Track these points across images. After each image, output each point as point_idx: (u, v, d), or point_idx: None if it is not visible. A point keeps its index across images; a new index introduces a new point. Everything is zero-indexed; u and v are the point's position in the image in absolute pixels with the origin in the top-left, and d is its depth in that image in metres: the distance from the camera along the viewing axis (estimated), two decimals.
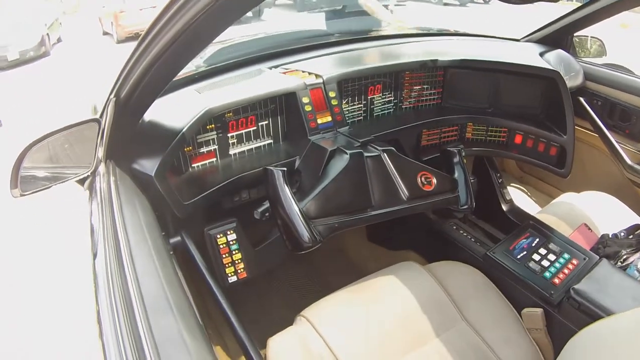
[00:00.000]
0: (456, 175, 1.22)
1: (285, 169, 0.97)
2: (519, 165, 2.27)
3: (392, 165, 1.11)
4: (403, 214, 1.11)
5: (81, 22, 12.86)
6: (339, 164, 1.05)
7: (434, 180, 1.16)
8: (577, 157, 1.94)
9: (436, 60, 1.41)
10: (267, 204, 1.07)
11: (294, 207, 0.94)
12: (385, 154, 1.11)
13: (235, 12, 0.64)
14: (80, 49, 9.55)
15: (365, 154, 1.08)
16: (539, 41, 1.84)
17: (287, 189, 0.95)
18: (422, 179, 1.14)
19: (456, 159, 1.23)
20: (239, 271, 1.11)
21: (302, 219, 0.93)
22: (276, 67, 1.32)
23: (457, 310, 1.13)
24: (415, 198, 1.13)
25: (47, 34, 9.09)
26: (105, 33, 10.83)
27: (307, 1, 7.83)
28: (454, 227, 1.42)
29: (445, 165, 1.25)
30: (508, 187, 2.15)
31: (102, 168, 0.96)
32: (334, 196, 1.02)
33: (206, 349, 0.58)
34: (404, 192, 1.11)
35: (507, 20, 7.49)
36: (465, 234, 1.40)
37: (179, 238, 1.04)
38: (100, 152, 0.97)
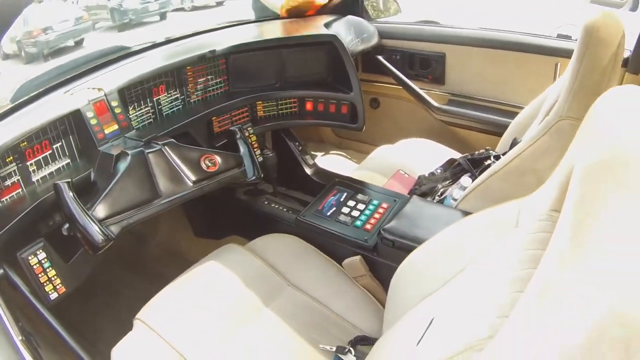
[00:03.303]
0: (241, 151, 1.30)
1: (69, 180, 1.01)
2: (335, 131, 2.38)
3: (173, 156, 1.18)
4: (191, 197, 1.19)
5: None
6: (123, 165, 1.12)
7: (218, 160, 1.24)
8: (388, 111, 2.09)
9: (214, 50, 1.44)
10: None
11: (80, 213, 0.99)
12: (166, 147, 1.18)
13: None
14: None
15: (147, 151, 1.15)
16: (332, 12, 1.92)
17: (72, 197, 0.99)
18: (206, 161, 1.22)
19: (238, 136, 1.32)
20: (57, 287, 1.14)
21: (90, 222, 0.99)
22: (70, 90, 1.34)
23: (281, 277, 1.17)
24: (201, 180, 1.21)
25: None
26: None
27: (124, 18, 7.65)
28: (266, 202, 1.49)
29: (231, 145, 1.33)
30: (329, 154, 2.26)
31: None
32: (121, 195, 1.09)
33: None
34: (189, 177, 1.19)
35: None
36: (276, 206, 1.46)
37: (1, 270, 1.07)
38: None
